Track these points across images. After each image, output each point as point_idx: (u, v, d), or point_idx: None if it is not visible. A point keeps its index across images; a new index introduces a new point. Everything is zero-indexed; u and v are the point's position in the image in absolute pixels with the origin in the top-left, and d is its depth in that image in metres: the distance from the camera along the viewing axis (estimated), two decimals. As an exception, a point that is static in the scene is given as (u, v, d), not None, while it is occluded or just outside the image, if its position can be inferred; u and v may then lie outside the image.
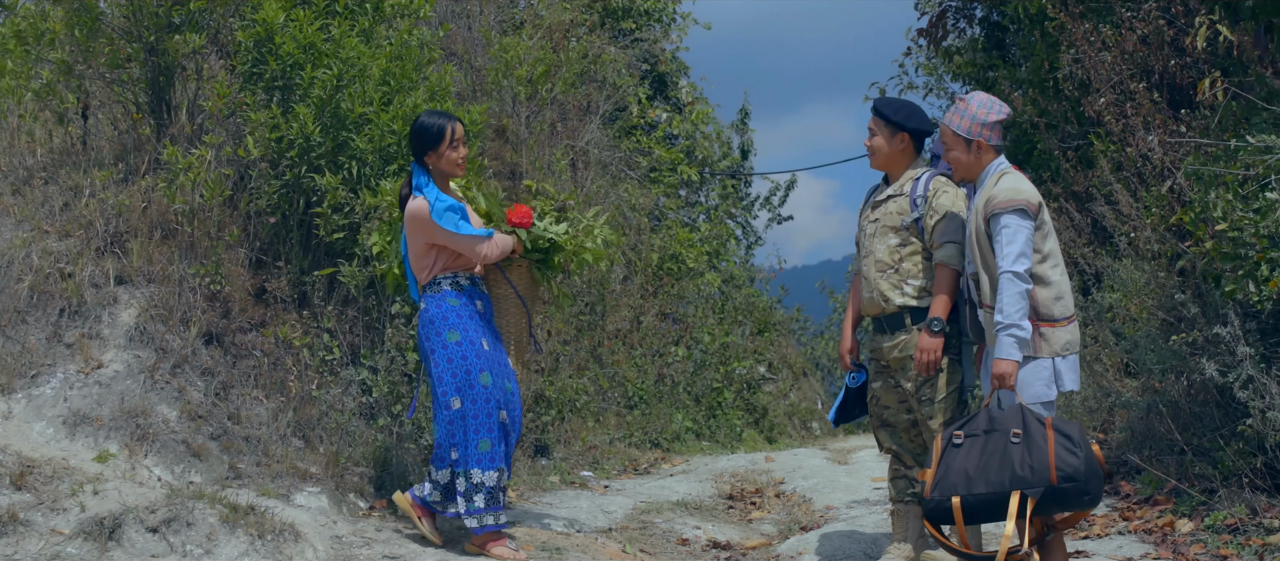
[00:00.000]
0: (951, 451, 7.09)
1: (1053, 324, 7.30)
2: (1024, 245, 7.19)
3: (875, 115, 8.12)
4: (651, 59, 20.75)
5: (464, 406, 8.05)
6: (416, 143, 8.28)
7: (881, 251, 8.01)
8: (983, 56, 17.86)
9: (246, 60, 10.06)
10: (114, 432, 8.40)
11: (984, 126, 7.47)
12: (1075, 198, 12.13)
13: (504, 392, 8.17)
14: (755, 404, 17.13)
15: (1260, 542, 7.99)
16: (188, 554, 7.33)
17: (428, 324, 8.18)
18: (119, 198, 9.65)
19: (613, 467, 12.48)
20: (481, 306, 8.27)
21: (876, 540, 9.15)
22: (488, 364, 8.09)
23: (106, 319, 9.12)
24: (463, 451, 8.05)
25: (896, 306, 7.95)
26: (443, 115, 8.31)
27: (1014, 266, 7.16)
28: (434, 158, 8.24)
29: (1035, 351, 7.29)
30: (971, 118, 7.50)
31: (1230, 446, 8.74)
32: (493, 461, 8.06)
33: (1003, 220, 7.25)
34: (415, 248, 8.21)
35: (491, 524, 8.11)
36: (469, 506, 8.05)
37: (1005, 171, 7.45)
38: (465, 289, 8.21)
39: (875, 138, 8.11)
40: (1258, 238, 8.22)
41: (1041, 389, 7.30)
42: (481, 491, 8.05)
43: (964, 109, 7.56)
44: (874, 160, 8.18)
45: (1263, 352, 8.40)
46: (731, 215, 22.61)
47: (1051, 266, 7.33)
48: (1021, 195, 7.25)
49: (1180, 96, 10.90)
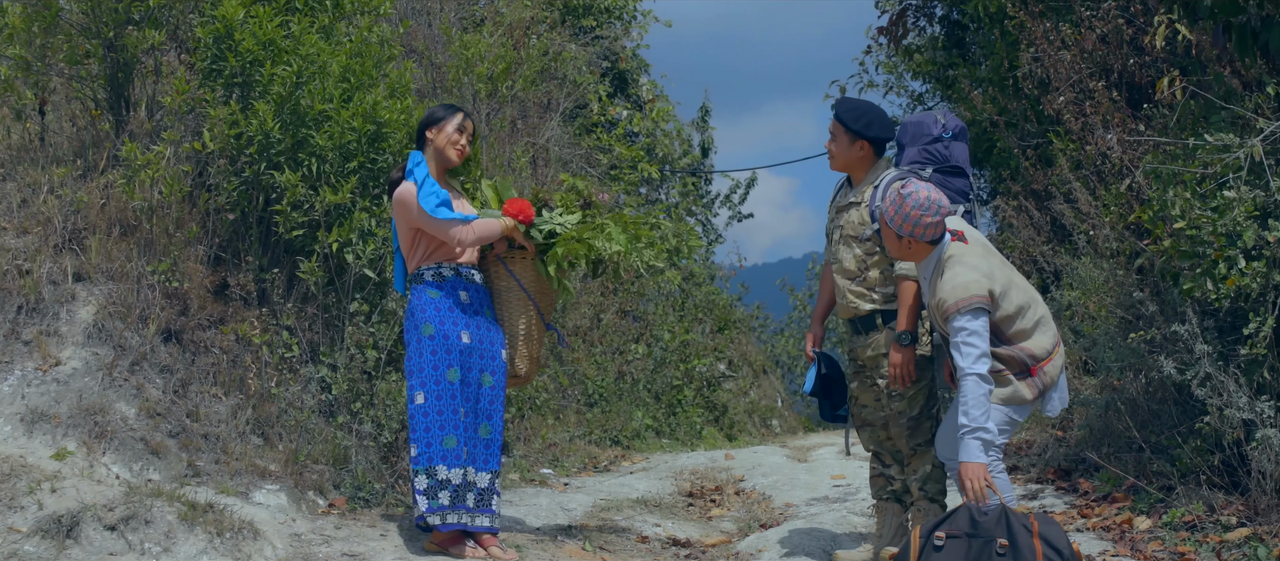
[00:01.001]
0: (932, 553, 6.87)
1: (1049, 358, 7.33)
2: (983, 345, 7.14)
3: (836, 119, 8.09)
4: (612, 56, 20.74)
5: (427, 402, 8.04)
6: (423, 123, 8.37)
7: (847, 260, 8.01)
8: (943, 55, 17.91)
9: (206, 56, 10.02)
10: (72, 430, 8.36)
11: (918, 226, 7.28)
12: (1034, 196, 12.17)
13: (476, 388, 8.15)
14: (715, 401, 17.15)
15: (1218, 539, 8.03)
16: (146, 551, 7.31)
17: (409, 315, 8.21)
18: (77, 194, 9.60)
19: (572, 465, 12.48)
20: (468, 297, 8.23)
21: (836, 538, 9.17)
22: (459, 359, 8.07)
23: (64, 316, 9.07)
24: (423, 447, 8.03)
25: (866, 311, 7.96)
26: (454, 108, 8.43)
27: (975, 368, 7.06)
28: (434, 132, 8.27)
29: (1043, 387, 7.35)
30: (906, 217, 7.31)
31: (1188, 443, 8.78)
32: (458, 458, 8.04)
33: (956, 324, 7.18)
34: (402, 234, 8.23)
35: (456, 523, 8.08)
36: (431, 503, 8.02)
37: (950, 257, 7.34)
38: (448, 280, 8.18)
39: (836, 141, 8.08)
40: (1215, 236, 8.26)
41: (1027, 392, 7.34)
42: (447, 488, 8.03)
43: (901, 206, 7.34)
44: (833, 163, 8.17)
45: (1220, 350, 8.44)
46: (691, 213, 22.61)
47: (1027, 317, 7.29)
48: (970, 291, 7.14)
49: (1139, 95, 10.94)
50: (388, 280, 9.86)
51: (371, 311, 9.86)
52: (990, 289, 7.18)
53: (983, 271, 7.23)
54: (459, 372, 8.06)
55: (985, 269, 7.24)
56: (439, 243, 8.16)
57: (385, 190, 9.83)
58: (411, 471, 8.07)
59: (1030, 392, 7.29)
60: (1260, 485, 8.14)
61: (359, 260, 9.69)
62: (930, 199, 7.30)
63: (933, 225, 7.31)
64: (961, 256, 7.31)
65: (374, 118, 9.77)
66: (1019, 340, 7.26)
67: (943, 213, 7.33)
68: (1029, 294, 7.38)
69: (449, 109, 8.39)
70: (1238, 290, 8.16)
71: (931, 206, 7.28)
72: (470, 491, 8.17)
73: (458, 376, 8.05)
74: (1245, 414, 8.06)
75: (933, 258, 7.39)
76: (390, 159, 9.89)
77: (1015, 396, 7.30)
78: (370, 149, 9.83)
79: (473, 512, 8.14)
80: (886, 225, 7.43)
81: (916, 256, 7.46)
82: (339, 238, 9.66)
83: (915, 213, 7.29)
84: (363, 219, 9.71)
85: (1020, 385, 7.28)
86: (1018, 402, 7.31)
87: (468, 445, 8.10)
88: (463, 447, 8.05)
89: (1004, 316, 7.23)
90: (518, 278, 8.45)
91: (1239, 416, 8.09)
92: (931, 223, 7.30)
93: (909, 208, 7.31)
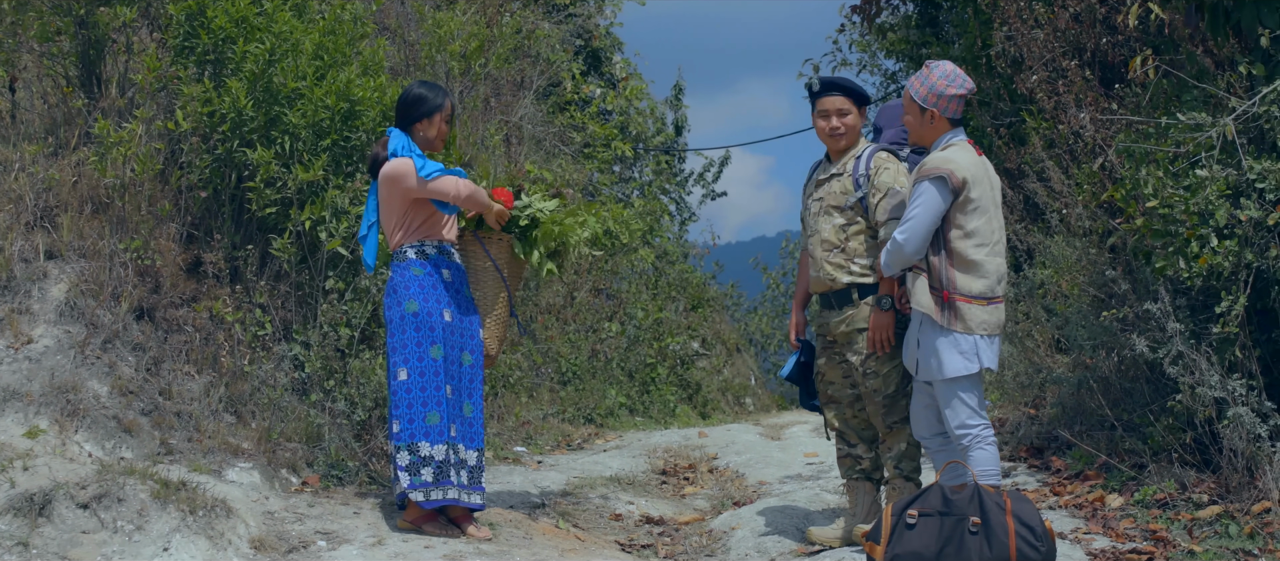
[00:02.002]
0: (904, 531, 6.93)
1: (969, 300, 7.32)
2: (922, 222, 7.22)
3: (844, 94, 8.04)
4: (585, 34, 20.70)
5: (410, 378, 8.03)
6: (411, 109, 8.33)
7: (827, 231, 8.01)
8: (916, 33, 17.91)
9: (178, 33, 9.99)
10: (44, 408, 8.33)
11: (940, 97, 7.44)
12: (1007, 174, 12.18)
13: (457, 366, 8.16)
14: (689, 379, 17.15)
15: (1189, 517, 8.06)
16: (119, 530, 7.29)
17: (391, 292, 8.19)
18: (49, 172, 9.56)
19: (546, 443, 12.48)
20: (449, 275, 8.23)
21: (809, 515, 9.18)
22: (442, 336, 8.07)
23: (36, 294, 9.04)
24: (405, 423, 8.02)
25: (844, 283, 7.97)
26: (439, 90, 8.40)
27: (899, 234, 7.34)
28: (426, 127, 8.28)
29: (949, 325, 7.31)
30: (930, 87, 7.47)
31: (1160, 422, 8.81)
32: (442, 435, 8.03)
33: (920, 186, 7.29)
34: (390, 210, 8.19)
35: (442, 499, 8.08)
36: (413, 479, 8.02)
37: (954, 143, 7.46)
38: (431, 257, 8.18)
39: (847, 117, 8.04)
40: (1187, 215, 8.28)
41: (960, 363, 7.32)
42: (429, 465, 8.02)
43: (926, 76, 7.53)
44: (848, 139, 8.10)
45: (1192, 329, 8.47)
46: (665, 191, 22.59)
47: (975, 246, 7.32)
48: (948, 164, 7.25)
49: (1112, 74, 10.97)
50: (361, 258, 9.85)
51: (345, 289, 9.85)
52: (965, 177, 7.27)
53: (968, 166, 7.35)
54: (442, 350, 8.05)
55: (972, 172, 7.35)
56: (426, 219, 8.17)
57: (359, 167, 9.82)
58: (392, 448, 8.07)
59: (937, 315, 7.33)
60: (1232, 463, 8.17)
61: (332, 238, 9.68)
62: (955, 71, 7.51)
63: (955, 98, 7.47)
64: (961, 148, 7.47)
65: (347, 95, 9.75)
66: (955, 260, 7.28)
67: (966, 88, 7.50)
68: (994, 238, 7.44)
69: (434, 92, 8.36)
70: (1210, 269, 8.19)
71: (955, 78, 7.48)
72: (462, 469, 8.16)
73: (440, 353, 8.05)
74: (1217, 392, 8.09)
75: (942, 139, 7.53)
76: (363, 136, 9.88)
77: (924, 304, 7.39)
78: (343, 126, 9.81)
79: (467, 490, 8.15)
80: (911, 101, 7.57)
81: (933, 134, 7.56)
82: (312, 215, 9.64)
83: (941, 83, 7.47)
84: (336, 196, 9.70)
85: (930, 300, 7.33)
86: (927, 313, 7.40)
87: (454, 422, 8.10)
88: (447, 424, 8.04)
89: (959, 223, 7.31)
90: (494, 258, 8.46)
91: (1211, 394, 8.12)
92: (955, 95, 7.46)
93: (935, 76, 7.50)
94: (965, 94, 7.50)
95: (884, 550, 6.91)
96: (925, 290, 7.37)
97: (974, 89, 7.65)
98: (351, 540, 7.96)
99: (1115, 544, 7.88)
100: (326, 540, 7.93)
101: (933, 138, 7.54)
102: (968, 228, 7.30)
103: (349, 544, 7.91)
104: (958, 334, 7.31)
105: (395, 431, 8.05)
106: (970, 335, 7.31)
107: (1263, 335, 8.59)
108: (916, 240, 7.26)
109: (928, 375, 7.43)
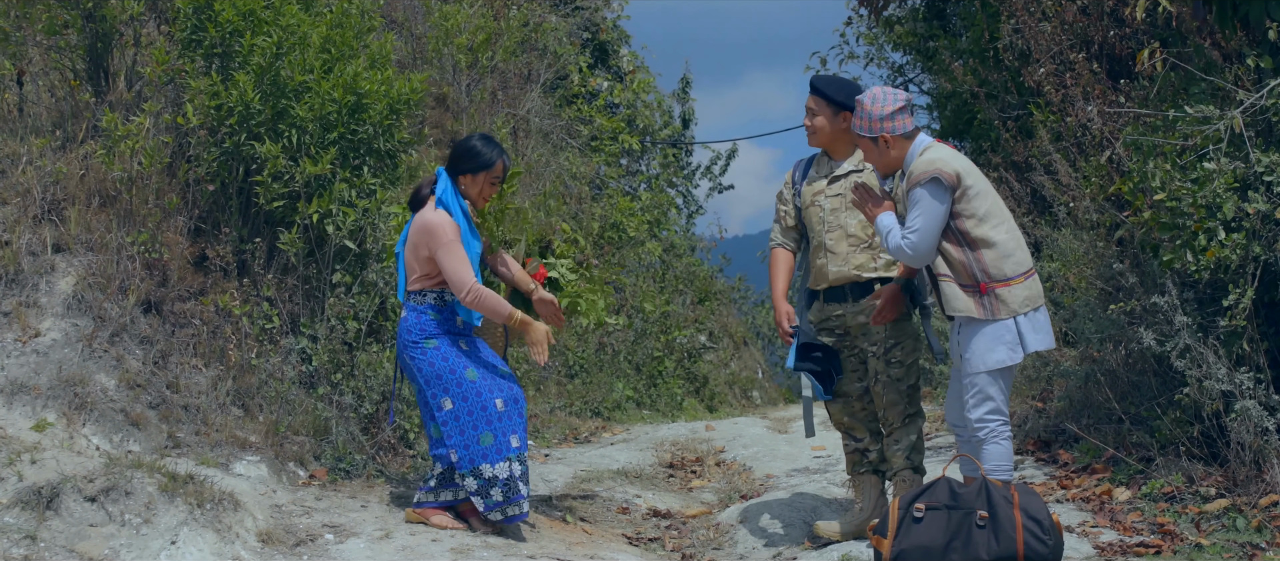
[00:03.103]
0: (912, 524, 6.90)
1: (1006, 283, 7.28)
2: (927, 225, 7.20)
3: (815, 94, 8.10)
4: (592, 27, 20.69)
5: (456, 406, 8.02)
6: (462, 161, 8.23)
7: (854, 226, 8.01)
8: (923, 26, 17.90)
9: (185, 27, 9.99)
10: (52, 401, 8.34)
11: (880, 121, 7.42)
12: (1015, 167, 12.17)
13: (495, 377, 8.13)
14: (696, 373, 17.17)
15: (1197, 511, 8.06)
16: (126, 523, 7.30)
17: (406, 331, 8.14)
18: (56, 165, 9.57)
19: (553, 436, 12.49)
20: (462, 322, 8.22)
21: (817, 508, 9.18)
22: (471, 360, 8.07)
23: (44, 287, 9.05)
24: (463, 452, 8.02)
25: (868, 277, 7.97)
26: (495, 147, 8.29)
27: (902, 240, 7.25)
28: (470, 183, 8.22)
29: (993, 314, 7.26)
30: (868, 118, 7.44)
31: (1167, 415, 8.80)
32: (500, 453, 8.02)
33: (915, 194, 7.26)
34: (417, 253, 8.13)
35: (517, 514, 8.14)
36: (486, 502, 8.05)
37: (927, 147, 7.43)
38: (450, 303, 8.15)
39: (816, 117, 8.09)
40: (1195, 208, 8.27)
41: (1005, 354, 7.26)
42: (497, 485, 8.02)
43: (860, 113, 7.50)
44: (815, 139, 8.16)
45: (1200, 322, 8.45)
46: (672, 184, 22.59)
47: (992, 226, 7.30)
48: (935, 166, 7.22)
49: (1119, 67, 10.95)
50: (368, 251, 9.86)
51: (352, 282, 9.85)
52: (957, 171, 7.24)
53: (953, 160, 7.33)
54: (476, 371, 8.04)
55: (959, 163, 7.33)
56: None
57: (366, 160, 9.83)
58: (457, 474, 8.09)
59: (979, 311, 7.28)
60: (1239, 456, 8.16)
61: (339, 231, 9.69)
62: (883, 91, 7.50)
63: (894, 113, 7.43)
64: (937, 147, 7.44)
65: (354, 88, 9.75)
66: (981, 248, 7.25)
67: (901, 100, 7.46)
68: (1004, 213, 7.40)
69: (489, 149, 8.26)
70: (1217, 262, 8.18)
71: (886, 97, 7.45)
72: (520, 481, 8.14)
73: (476, 374, 8.03)
74: (1224, 385, 8.08)
75: (913, 152, 7.46)
76: (370, 129, 9.87)
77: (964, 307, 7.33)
78: (350, 120, 9.81)
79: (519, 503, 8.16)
80: (861, 138, 7.55)
81: (897, 157, 7.50)
82: (319, 208, 9.64)
83: (874, 108, 7.45)
84: (343, 189, 9.70)
85: (969, 299, 7.29)
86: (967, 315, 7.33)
87: (517, 432, 8.10)
88: (510, 436, 8.04)
89: (969, 212, 7.25)
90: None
91: (1218, 388, 8.11)
92: (894, 111, 7.43)
93: (867, 105, 7.48)
94: (903, 105, 7.46)
95: (891, 544, 6.89)
96: (958, 293, 7.32)
97: (909, 97, 7.61)
98: (359, 533, 7.97)
99: (1123, 537, 7.88)
100: (334, 533, 7.94)
101: (899, 160, 7.50)
102: (979, 214, 7.28)
103: (356, 537, 7.92)
104: (1002, 322, 7.26)
105: (454, 461, 8.06)
106: (1013, 320, 7.27)
107: (1270, 328, 8.58)
108: (925, 245, 7.22)
109: (974, 368, 7.37)
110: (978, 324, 7.29)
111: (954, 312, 7.34)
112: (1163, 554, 7.52)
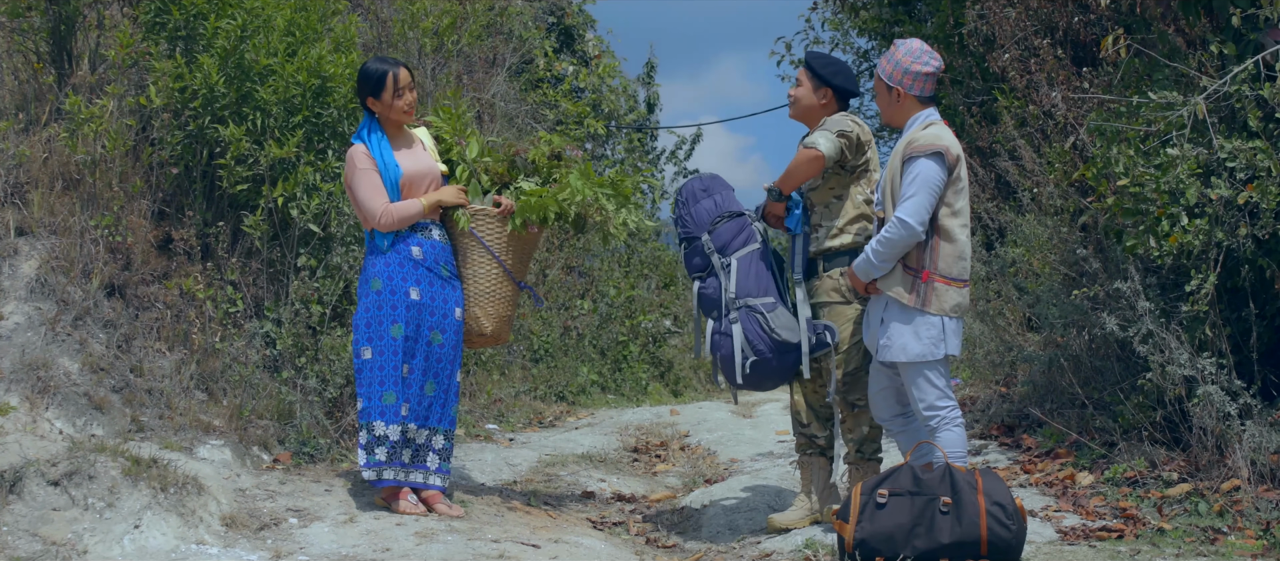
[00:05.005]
0: (874, 510, 6.86)
1: (948, 281, 7.30)
2: (927, 199, 7.20)
3: (804, 67, 8.18)
4: (558, 12, 20.69)
5: (372, 357, 8.04)
6: (360, 89, 8.28)
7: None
8: (888, 11, 17.91)
9: (149, 9, 9.95)
10: (14, 385, 8.30)
11: (907, 75, 7.43)
12: (979, 153, 12.21)
13: (426, 345, 8.13)
14: (661, 357, 17.16)
15: (1159, 495, 8.10)
16: (90, 507, 7.27)
17: (362, 270, 8.23)
18: (19, 148, 9.52)
19: (517, 420, 12.48)
20: (421, 252, 8.16)
21: (781, 493, 9.20)
22: (404, 315, 8.05)
23: (6, 270, 9.01)
24: (366, 402, 8.03)
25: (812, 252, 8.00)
26: (386, 61, 8.29)
27: (906, 214, 7.22)
28: (378, 106, 8.20)
29: (924, 305, 7.29)
30: (896, 64, 7.46)
31: (1130, 400, 8.84)
32: (396, 415, 8.02)
33: (914, 165, 7.26)
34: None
35: (392, 479, 8.09)
36: (369, 458, 8.03)
37: (933, 122, 7.44)
38: (402, 235, 8.13)
39: (800, 87, 8.14)
40: (1158, 193, 8.31)
41: (929, 347, 7.29)
42: (383, 444, 8.02)
43: (892, 54, 7.52)
44: (794, 109, 8.20)
45: (1162, 307, 8.49)
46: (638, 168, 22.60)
47: (960, 224, 7.32)
48: (942, 141, 7.24)
49: (1084, 53, 10.99)
50: (333, 235, 9.83)
51: (317, 266, 9.83)
52: (958, 155, 7.30)
53: (956, 144, 7.37)
54: (403, 329, 8.03)
55: (959, 150, 7.36)
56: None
57: (330, 143, 9.84)
58: (358, 425, 8.09)
59: (911, 298, 7.31)
60: (1201, 441, 8.20)
61: (304, 215, 9.66)
62: (922, 48, 7.49)
63: (923, 76, 7.45)
64: (944, 126, 7.45)
65: (319, 72, 9.73)
66: (941, 238, 7.28)
67: (934, 65, 7.47)
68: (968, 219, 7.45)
69: (379, 66, 8.27)
70: (1180, 247, 8.22)
71: (922, 56, 7.46)
72: (427, 451, 8.18)
73: (401, 332, 8.02)
74: (1186, 370, 8.12)
75: (916, 119, 7.50)
76: (335, 113, 9.86)
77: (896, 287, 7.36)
78: (315, 103, 9.79)
79: (407, 468, 8.13)
80: (879, 80, 7.58)
81: (903, 114, 7.54)
82: (284, 192, 9.62)
83: (906, 60, 7.47)
84: (308, 173, 9.68)
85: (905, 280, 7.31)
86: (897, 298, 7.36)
87: (409, 402, 8.08)
88: (401, 404, 8.03)
89: (947, 200, 7.30)
90: (479, 234, 8.39)
91: (1180, 373, 8.15)
92: (923, 72, 7.44)
93: (901, 54, 7.50)
94: (934, 71, 7.46)
95: (854, 529, 6.88)
96: (897, 272, 7.35)
97: (943, 66, 7.62)
98: (323, 517, 7.96)
99: (1086, 521, 7.91)
100: (298, 517, 7.93)
101: (903, 118, 7.53)
102: (955, 206, 7.30)
103: (320, 521, 7.90)
104: (928, 315, 7.29)
105: (360, 409, 8.06)
106: (938, 317, 7.29)
107: (1232, 314, 8.63)
108: (922, 213, 7.21)
109: (890, 357, 7.40)
110: (907, 312, 7.32)
111: (885, 289, 7.36)
112: (1125, 538, 7.55)
